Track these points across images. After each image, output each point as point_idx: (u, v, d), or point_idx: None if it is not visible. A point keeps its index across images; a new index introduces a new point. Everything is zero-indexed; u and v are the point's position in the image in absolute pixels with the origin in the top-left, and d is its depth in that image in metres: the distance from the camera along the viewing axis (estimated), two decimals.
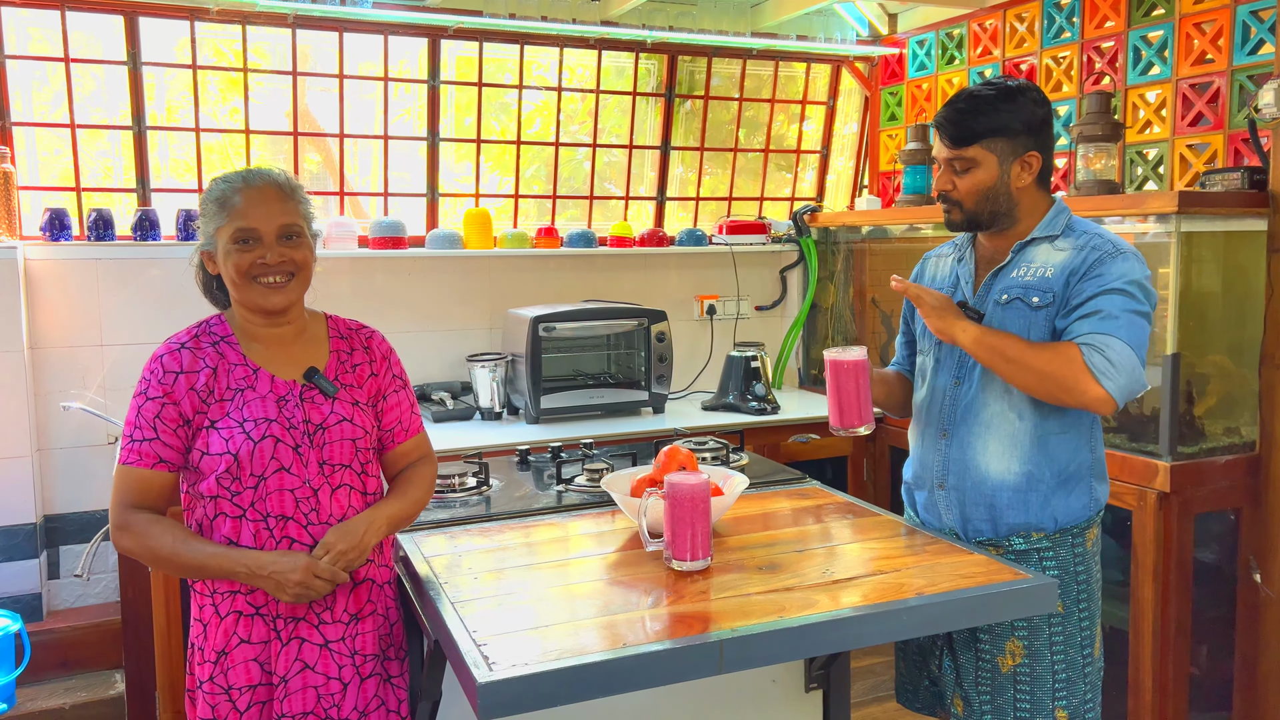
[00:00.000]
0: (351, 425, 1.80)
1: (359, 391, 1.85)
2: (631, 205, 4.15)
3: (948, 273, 2.16)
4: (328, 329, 1.89)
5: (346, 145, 3.69)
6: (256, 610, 1.75)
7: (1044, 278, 1.95)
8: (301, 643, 1.75)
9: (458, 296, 3.78)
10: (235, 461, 1.70)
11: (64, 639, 3.17)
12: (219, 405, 1.74)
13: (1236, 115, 2.94)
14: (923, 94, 4.07)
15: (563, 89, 3.89)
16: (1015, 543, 1.97)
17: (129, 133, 3.37)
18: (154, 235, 3.36)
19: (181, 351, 1.76)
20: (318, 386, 1.80)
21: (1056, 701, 1.94)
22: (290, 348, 1.83)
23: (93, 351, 3.29)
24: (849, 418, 1.99)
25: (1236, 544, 2.90)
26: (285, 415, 1.75)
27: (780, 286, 4.28)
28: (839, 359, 1.99)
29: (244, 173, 1.79)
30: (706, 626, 1.53)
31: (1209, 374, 2.93)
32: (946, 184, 1.99)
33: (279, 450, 1.73)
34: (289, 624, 1.75)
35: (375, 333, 1.94)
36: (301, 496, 1.74)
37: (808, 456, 3.63)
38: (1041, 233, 2.00)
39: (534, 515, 2.16)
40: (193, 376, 1.74)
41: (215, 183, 1.79)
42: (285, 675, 1.73)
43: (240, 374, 1.77)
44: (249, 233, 1.73)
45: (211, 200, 1.77)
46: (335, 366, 1.85)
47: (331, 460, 1.77)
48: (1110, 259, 1.91)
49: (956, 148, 1.95)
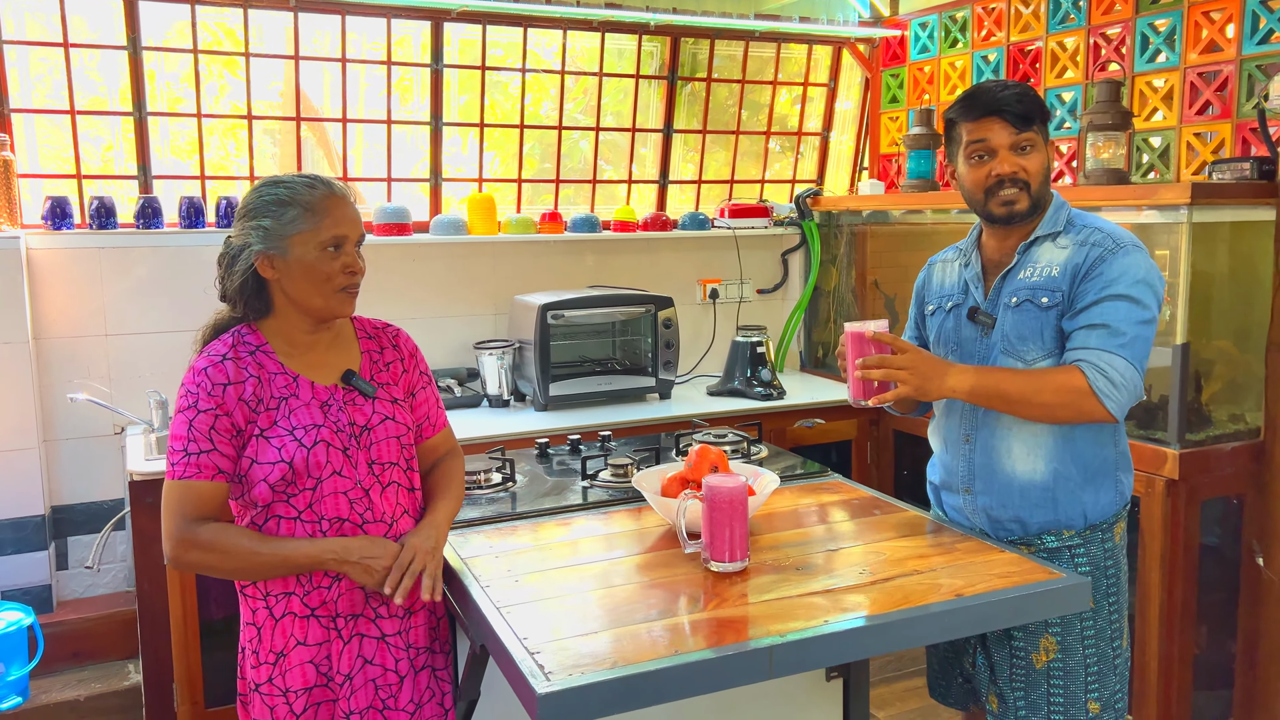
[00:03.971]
0: (394, 423, 1.82)
1: (395, 389, 1.87)
2: (632, 188, 4.14)
3: (955, 279, 2.15)
4: (355, 330, 1.90)
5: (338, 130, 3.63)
6: (312, 611, 1.76)
7: (1051, 277, 1.96)
8: (362, 639, 1.78)
9: (462, 282, 3.77)
10: (290, 469, 1.71)
11: (75, 630, 3.16)
12: (267, 414, 1.74)
13: (1245, 105, 2.96)
14: (924, 77, 4.07)
15: (566, 72, 3.87)
16: (1047, 540, 2.00)
17: (129, 119, 3.32)
18: (156, 223, 3.32)
19: (225, 363, 1.75)
20: (357, 388, 1.81)
21: (1089, 694, 1.98)
22: (324, 353, 1.83)
23: (97, 341, 3.26)
24: (866, 390, 1.96)
25: (1240, 528, 2.95)
26: (331, 419, 1.76)
27: (782, 270, 4.29)
28: (859, 331, 1.96)
29: (313, 178, 1.77)
30: (754, 632, 1.55)
31: (1214, 359, 2.97)
32: (1014, 167, 1.94)
33: (331, 454, 1.74)
34: (349, 622, 1.77)
35: (400, 330, 1.95)
36: (354, 498, 1.76)
37: (813, 441, 3.66)
38: (1045, 230, 2.01)
39: (563, 513, 2.18)
40: (240, 387, 1.74)
41: (291, 187, 1.75)
42: (349, 673, 1.76)
43: (281, 382, 1.77)
44: (342, 239, 1.74)
45: (297, 204, 1.73)
46: (369, 366, 1.86)
47: (380, 459, 1.79)
48: (1111, 256, 1.91)
49: (1024, 129, 1.93)
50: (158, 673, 2.84)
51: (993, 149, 1.96)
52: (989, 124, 1.95)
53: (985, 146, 1.97)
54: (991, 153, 1.96)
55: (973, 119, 1.97)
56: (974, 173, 2.00)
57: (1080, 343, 1.88)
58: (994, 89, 1.96)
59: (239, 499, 1.79)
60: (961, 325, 2.09)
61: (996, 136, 1.95)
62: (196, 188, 3.45)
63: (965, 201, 2.06)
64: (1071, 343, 1.90)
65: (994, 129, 1.95)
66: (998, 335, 2.02)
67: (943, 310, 2.14)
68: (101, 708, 3.03)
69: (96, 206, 3.25)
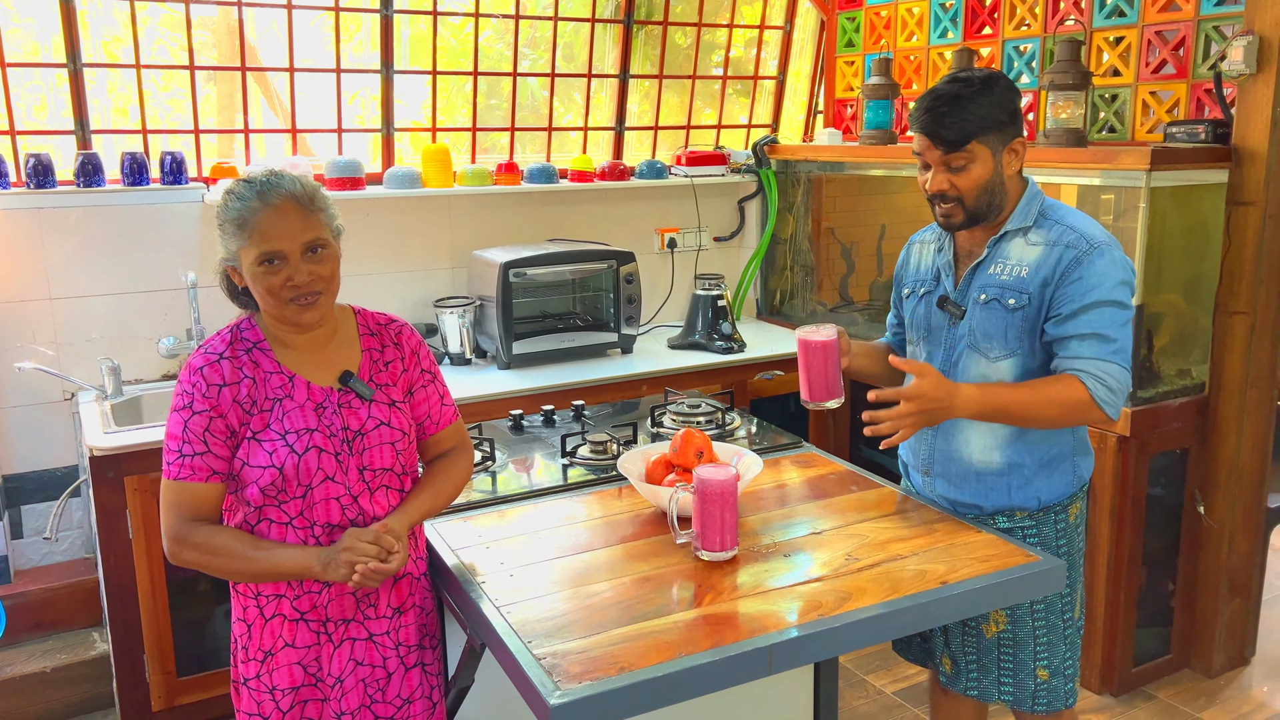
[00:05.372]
0: (389, 429, 1.79)
1: (394, 390, 1.83)
2: (588, 135, 4.07)
3: (930, 264, 2.16)
4: (357, 326, 1.86)
5: (281, 79, 3.50)
6: (302, 616, 1.76)
7: (1019, 278, 1.98)
8: (353, 643, 1.79)
9: (418, 236, 3.70)
10: (280, 475, 1.69)
11: (36, 600, 3.12)
12: (260, 416, 1.71)
13: (1201, 66, 3.00)
14: (881, 22, 4.04)
15: (520, 16, 3.76)
16: (999, 520, 2.07)
17: (64, 71, 3.16)
18: (98, 181, 3.19)
19: (221, 363, 1.72)
20: (354, 390, 1.78)
21: (1038, 662, 2.07)
22: (323, 351, 1.80)
23: (41, 305, 3.15)
24: (818, 393, 2.05)
25: (1184, 478, 3.09)
26: (325, 423, 1.74)
27: (738, 217, 4.29)
28: (809, 339, 2.03)
29: (259, 186, 1.69)
30: (752, 629, 1.60)
31: (1164, 312, 3.06)
32: (943, 184, 1.96)
33: (323, 460, 1.72)
34: (339, 626, 1.78)
35: (405, 325, 1.91)
36: (345, 503, 1.74)
37: (772, 393, 3.72)
38: (1015, 224, 2.01)
39: (548, 495, 2.19)
40: (235, 388, 1.71)
41: (230, 198, 1.70)
42: (340, 675, 1.77)
43: (277, 382, 1.74)
44: (274, 254, 1.67)
45: (230, 221, 1.68)
46: (369, 366, 1.82)
47: (372, 466, 1.77)
48: (1088, 258, 1.92)
49: (954, 151, 1.93)
50: (127, 643, 2.82)
51: (928, 163, 1.99)
52: (923, 140, 1.97)
53: (923, 159, 2.00)
54: (928, 166, 1.99)
55: (914, 130, 1.99)
56: (920, 177, 2.03)
57: (1074, 352, 1.91)
58: (934, 104, 1.93)
59: (233, 494, 1.77)
60: (932, 313, 2.11)
61: (929, 153, 1.97)
62: (139, 142, 3.31)
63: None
64: (1064, 350, 1.92)
65: (927, 145, 1.96)
66: (965, 329, 2.05)
67: (916, 295, 2.17)
68: (70, 677, 3.01)
69: (33, 165, 3.10)
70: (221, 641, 2.94)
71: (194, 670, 2.91)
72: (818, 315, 4.12)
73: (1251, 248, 2.87)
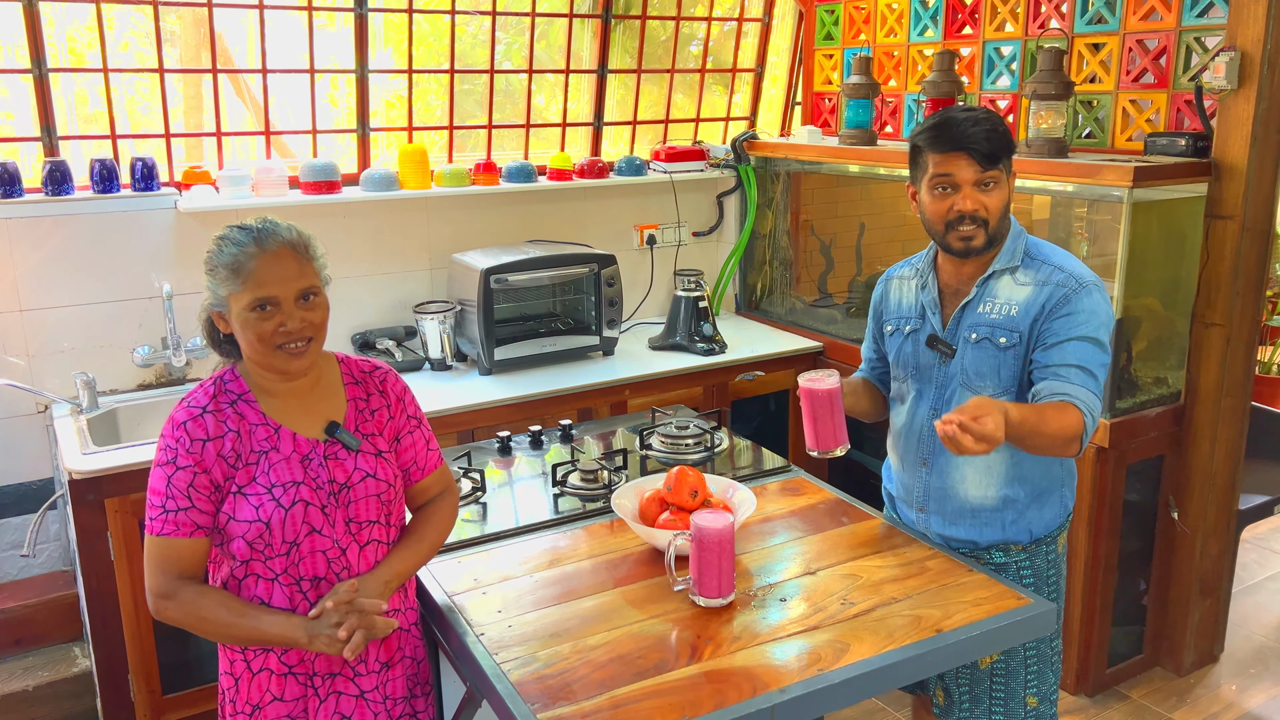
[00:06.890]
0: (375, 480, 1.78)
1: (380, 439, 1.82)
2: (565, 131, 4.02)
3: (913, 300, 2.16)
4: (341, 375, 1.84)
5: (255, 80, 3.42)
6: (289, 669, 1.76)
7: (1009, 316, 1.99)
8: (339, 696, 1.79)
9: (396, 238, 3.65)
10: (267, 529, 1.68)
11: (15, 617, 3.09)
12: (246, 470, 1.70)
13: (1181, 76, 3.01)
14: (860, 16, 4.01)
15: (497, 13, 3.69)
16: (995, 555, 2.10)
17: (29, 77, 3.07)
18: (67, 189, 3.11)
19: (205, 417, 1.69)
20: (340, 441, 1.76)
21: (1028, 690, 2.12)
22: (307, 399, 1.78)
23: (11, 318, 3.09)
24: (825, 442, 2.07)
25: (1158, 484, 3.15)
26: (311, 476, 1.72)
27: (717, 212, 4.27)
28: (813, 388, 2.04)
29: (255, 232, 1.67)
30: (754, 688, 1.62)
31: (1141, 318, 3.10)
32: (974, 204, 1.94)
33: (309, 513, 1.71)
34: (326, 680, 1.77)
35: (390, 372, 1.89)
36: (332, 556, 1.74)
37: (753, 393, 3.73)
38: (1003, 264, 2.02)
39: (539, 531, 2.19)
40: (219, 443, 1.69)
41: (224, 244, 1.67)
42: None
43: (262, 434, 1.72)
44: (268, 300, 1.66)
45: (223, 265, 1.66)
46: (354, 416, 1.81)
47: (358, 518, 1.76)
48: (1075, 295, 1.94)
49: (990, 167, 1.93)
50: (111, 663, 2.80)
51: (956, 184, 1.96)
52: (955, 159, 1.94)
53: (949, 180, 1.96)
54: (955, 187, 1.96)
55: (940, 151, 1.95)
56: (936, 204, 1.99)
57: (1065, 378, 1.90)
58: (964, 122, 1.93)
59: (218, 547, 1.75)
60: (920, 351, 2.12)
61: (962, 172, 1.94)
62: (108, 148, 3.23)
63: (924, 228, 2.07)
64: (1053, 376, 1.92)
65: (960, 164, 1.94)
66: (956, 367, 2.06)
67: (901, 333, 2.17)
68: (54, 694, 2.99)
69: None
70: (207, 656, 2.93)
71: (180, 687, 2.90)
72: (796, 311, 4.13)
73: (1229, 261, 2.90)
